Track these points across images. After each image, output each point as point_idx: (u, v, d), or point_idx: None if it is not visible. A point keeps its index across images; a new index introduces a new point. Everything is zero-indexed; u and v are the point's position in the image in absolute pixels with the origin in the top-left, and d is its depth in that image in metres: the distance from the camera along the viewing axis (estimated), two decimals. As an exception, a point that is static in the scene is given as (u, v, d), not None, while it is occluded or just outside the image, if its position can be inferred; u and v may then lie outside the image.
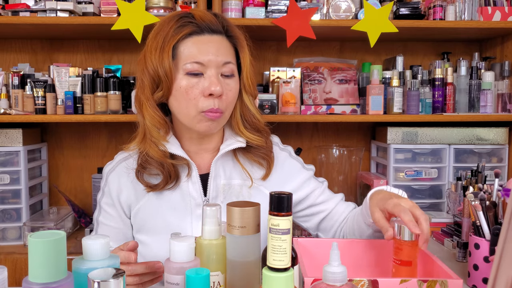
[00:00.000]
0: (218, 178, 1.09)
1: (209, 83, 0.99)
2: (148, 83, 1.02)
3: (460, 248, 1.29)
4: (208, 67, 1.00)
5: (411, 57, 2.12)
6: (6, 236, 1.79)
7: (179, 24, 1.01)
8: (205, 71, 1.00)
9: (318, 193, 1.17)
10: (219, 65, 1.01)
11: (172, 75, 1.00)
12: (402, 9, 1.82)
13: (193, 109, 1.00)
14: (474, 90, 1.88)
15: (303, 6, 1.77)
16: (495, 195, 1.11)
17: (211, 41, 1.01)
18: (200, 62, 1.00)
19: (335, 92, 1.95)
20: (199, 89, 1.00)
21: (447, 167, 1.88)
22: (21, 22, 1.69)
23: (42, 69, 2.01)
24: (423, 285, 0.76)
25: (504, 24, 1.82)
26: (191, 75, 1.00)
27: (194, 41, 1.01)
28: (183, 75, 1.00)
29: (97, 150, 2.08)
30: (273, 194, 0.66)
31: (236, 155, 1.11)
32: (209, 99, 1.00)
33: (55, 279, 0.62)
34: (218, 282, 0.77)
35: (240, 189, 1.09)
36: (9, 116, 1.72)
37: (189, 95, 1.00)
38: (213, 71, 1.00)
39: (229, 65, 1.02)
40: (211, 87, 0.99)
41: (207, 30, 1.02)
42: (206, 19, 1.02)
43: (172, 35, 1.00)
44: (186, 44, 1.01)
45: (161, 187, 1.05)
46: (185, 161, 1.06)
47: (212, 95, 0.99)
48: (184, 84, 1.00)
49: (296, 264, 0.79)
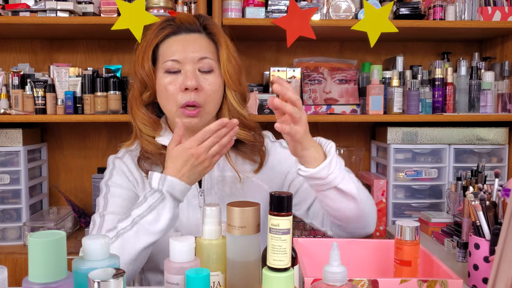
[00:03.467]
0: (212, 170, 1.10)
1: (184, 78, 1.05)
2: (137, 86, 1.10)
3: (460, 248, 1.29)
4: (184, 64, 1.06)
5: (411, 57, 2.12)
6: (6, 236, 1.79)
7: (159, 28, 1.09)
8: (182, 68, 1.06)
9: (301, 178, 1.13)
10: (194, 60, 1.06)
11: (152, 76, 1.07)
12: (402, 9, 1.82)
13: (173, 104, 1.06)
14: (474, 90, 1.88)
15: (303, 6, 1.77)
16: (495, 195, 1.11)
17: (187, 40, 1.08)
18: (176, 60, 1.06)
19: (335, 92, 1.95)
20: (177, 84, 1.06)
21: (447, 167, 1.88)
22: (21, 22, 1.69)
23: (42, 69, 2.01)
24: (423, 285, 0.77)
25: (504, 24, 1.82)
26: (169, 73, 1.06)
27: (171, 41, 1.08)
28: (162, 73, 1.07)
29: (97, 150, 2.08)
30: (273, 194, 0.67)
31: (228, 152, 1.13)
32: (186, 93, 1.04)
33: (55, 279, 0.62)
34: (218, 282, 0.77)
35: (233, 180, 1.12)
36: (9, 116, 1.72)
37: (168, 91, 1.06)
38: (189, 67, 1.05)
39: (206, 60, 1.07)
40: (186, 81, 1.04)
41: (184, 30, 1.09)
42: (185, 20, 1.09)
43: (152, 38, 1.09)
44: (164, 44, 1.08)
45: None
46: None
47: (188, 90, 1.04)
48: (163, 82, 1.06)
49: (296, 264, 0.79)
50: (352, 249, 0.98)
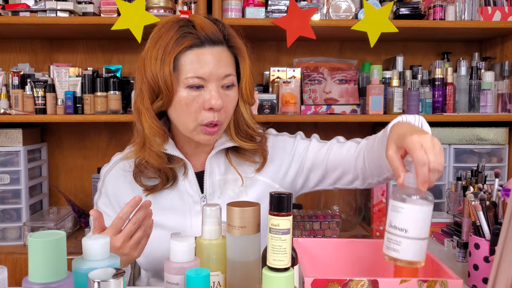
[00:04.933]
0: (214, 175, 1.09)
1: (209, 96, 0.99)
2: (147, 92, 1.02)
3: (460, 248, 1.29)
4: (208, 81, 0.99)
5: (411, 57, 2.12)
6: (6, 236, 1.79)
7: (179, 35, 0.99)
8: (206, 84, 1.00)
9: (309, 152, 1.14)
10: (219, 78, 1.00)
11: (173, 87, 0.99)
12: (402, 9, 1.82)
13: (193, 121, 1.01)
14: (474, 90, 1.88)
15: (303, 6, 1.77)
16: (495, 195, 1.11)
17: (212, 54, 1.00)
18: (201, 77, 0.99)
19: (335, 92, 1.95)
20: (200, 102, 0.99)
21: (447, 167, 1.88)
22: (21, 22, 1.69)
23: (42, 69, 2.01)
24: (423, 285, 0.76)
25: (504, 24, 1.82)
26: (192, 88, 0.99)
27: (195, 53, 0.99)
28: (183, 88, 0.99)
29: (97, 150, 2.08)
30: (273, 194, 0.66)
31: (228, 155, 1.12)
32: (209, 112, 1.00)
33: (55, 279, 0.62)
34: (218, 282, 0.77)
35: (235, 183, 1.10)
36: (9, 116, 1.72)
37: (189, 108, 1.00)
38: (213, 85, 0.99)
39: (230, 77, 1.02)
40: (212, 101, 0.98)
41: (208, 42, 1.00)
42: (207, 29, 1.00)
43: (172, 47, 0.98)
44: (187, 56, 0.99)
45: (159, 189, 1.06)
46: (182, 162, 1.07)
47: (212, 109, 1.00)
48: (184, 97, 0.99)
49: (296, 264, 0.79)
50: (352, 249, 0.98)
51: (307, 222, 1.76)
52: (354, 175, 1.11)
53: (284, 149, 1.15)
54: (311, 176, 1.15)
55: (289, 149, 1.15)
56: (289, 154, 1.15)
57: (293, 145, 1.15)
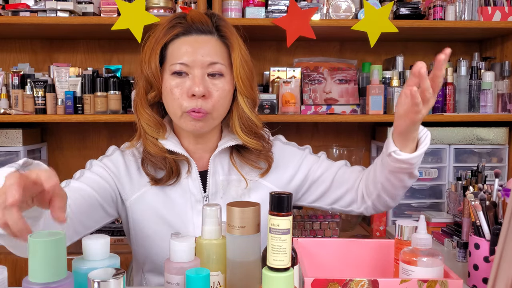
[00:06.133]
0: (217, 175, 1.09)
1: (192, 83, 1.00)
2: (142, 84, 1.05)
3: (460, 248, 1.29)
4: (192, 68, 1.00)
5: (411, 57, 2.12)
6: (6, 236, 1.79)
7: (169, 26, 1.03)
8: (190, 71, 1.01)
9: (316, 167, 1.16)
10: (204, 65, 1.01)
11: (159, 76, 1.02)
12: (402, 9, 1.82)
13: (178, 108, 1.02)
14: (474, 90, 1.88)
15: (303, 6, 1.77)
16: (495, 195, 1.11)
17: (197, 42, 1.02)
18: (184, 63, 1.00)
19: (335, 92, 1.95)
20: (184, 89, 1.01)
21: (447, 167, 1.88)
22: (21, 22, 1.69)
23: (42, 69, 2.01)
24: (423, 285, 0.77)
25: (504, 24, 1.82)
26: (176, 75, 1.01)
27: (181, 42, 1.02)
28: (169, 75, 1.02)
29: (97, 150, 2.08)
30: (273, 194, 0.66)
31: (233, 156, 1.11)
32: (192, 99, 1.00)
33: (55, 279, 0.62)
34: (218, 282, 0.77)
35: (239, 184, 1.10)
36: (9, 116, 1.72)
37: (174, 95, 1.01)
38: (197, 72, 1.00)
39: (217, 65, 1.02)
40: (193, 88, 0.99)
41: (195, 31, 1.03)
42: (197, 19, 1.03)
43: (161, 37, 1.03)
44: (173, 45, 1.03)
45: (164, 181, 1.06)
46: (185, 157, 1.07)
47: (194, 96, 1.00)
48: (169, 84, 1.02)
49: (296, 264, 0.79)
50: (352, 249, 0.98)
51: (307, 222, 1.76)
52: (353, 196, 1.14)
53: (292, 159, 1.16)
54: (313, 190, 1.17)
55: (297, 160, 1.16)
56: (296, 164, 1.15)
57: (301, 157, 1.17)
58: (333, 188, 1.15)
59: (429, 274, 0.79)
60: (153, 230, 1.08)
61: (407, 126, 0.94)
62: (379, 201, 1.10)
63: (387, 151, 0.99)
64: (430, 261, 0.80)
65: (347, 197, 1.15)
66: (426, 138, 0.99)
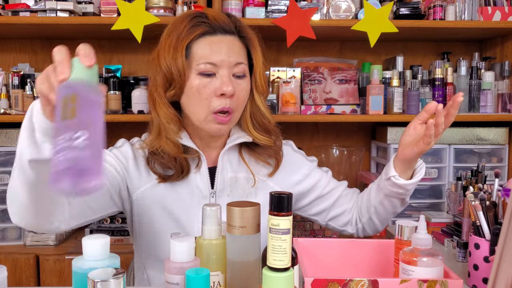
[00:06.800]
0: (225, 172, 1.10)
1: (221, 83, 1.00)
2: (161, 82, 1.03)
3: (460, 248, 1.29)
4: (220, 67, 1.01)
5: (411, 57, 2.12)
6: (6, 236, 1.79)
7: (192, 24, 1.02)
8: (217, 71, 1.01)
9: (324, 183, 1.19)
10: (231, 65, 1.02)
11: (185, 74, 1.01)
12: (402, 9, 1.82)
13: (204, 109, 1.02)
14: (474, 90, 1.88)
15: (303, 6, 1.77)
16: (495, 195, 1.11)
17: (223, 41, 1.02)
18: (212, 63, 1.01)
19: (335, 92, 1.95)
20: (211, 89, 1.01)
21: (447, 167, 1.88)
22: (21, 22, 1.69)
23: (42, 69, 1.99)
24: (423, 285, 0.77)
25: (504, 24, 1.82)
26: (203, 75, 1.01)
27: (207, 41, 1.02)
28: (195, 74, 1.01)
29: (97, 150, 2.08)
30: (273, 194, 0.66)
31: (241, 152, 1.12)
32: (220, 98, 1.01)
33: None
34: (218, 282, 0.77)
35: (247, 182, 1.11)
36: (9, 116, 1.72)
37: (201, 95, 1.01)
38: (225, 71, 1.01)
39: (241, 65, 1.04)
40: (223, 87, 1.00)
41: (220, 30, 1.03)
42: (219, 19, 1.03)
43: (185, 35, 1.01)
44: (199, 44, 1.02)
45: (173, 179, 1.06)
46: (196, 154, 1.07)
47: (223, 95, 1.01)
48: (196, 84, 1.01)
49: (296, 264, 0.79)
50: (352, 249, 0.98)
51: (307, 222, 1.76)
52: (350, 217, 1.20)
53: (301, 166, 1.18)
54: (316, 203, 1.20)
55: (305, 169, 1.18)
56: (304, 173, 1.17)
57: (309, 167, 1.19)
58: (335, 206, 1.19)
59: (429, 274, 0.79)
60: (158, 225, 1.07)
61: (415, 154, 1.02)
62: (369, 224, 1.18)
63: (387, 175, 1.06)
64: (430, 261, 0.80)
65: (344, 217, 1.20)
66: (422, 169, 1.08)
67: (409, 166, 1.05)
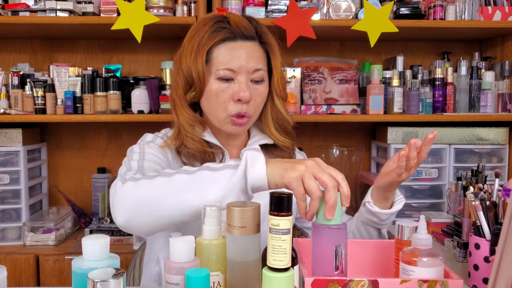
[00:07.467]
0: None
1: (238, 89, 1.04)
2: (181, 84, 1.07)
3: (460, 248, 1.29)
4: (239, 73, 1.05)
5: (411, 57, 2.12)
6: (6, 236, 1.79)
7: (214, 29, 1.05)
8: (236, 76, 1.05)
9: None
10: (249, 71, 1.05)
11: (204, 78, 1.05)
12: (402, 9, 1.82)
13: (222, 112, 1.06)
14: (474, 90, 1.88)
15: (303, 6, 1.77)
16: (495, 195, 1.11)
17: (243, 48, 1.05)
18: (231, 69, 1.04)
19: (335, 92, 1.94)
20: (229, 93, 1.05)
21: (447, 167, 1.88)
22: (21, 22, 1.69)
23: (42, 69, 2.00)
24: (423, 285, 0.76)
25: (504, 24, 1.82)
26: (222, 80, 1.05)
27: (227, 47, 1.05)
28: (214, 79, 1.05)
29: (97, 150, 2.08)
30: (273, 194, 0.66)
31: None
32: (237, 103, 1.05)
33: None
34: (218, 282, 0.77)
35: None
36: (9, 116, 1.72)
37: (219, 99, 1.05)
38: (243, 77, 1.05)
39: (260, 71, 1.07)
40: (240, 93, 1.04)
41: (240, 37, 1.06)
42: (241, 25, 1.06)
43: (206, 40, 1.05)
44: (219, 49, 1.05)
45: None
46: (220, 149, 1.11)
47: (240, 100, 1.04)
48: (215, 88, 1.05)
49: (296, 264, 0.79)
50: (352, 249, 0.98)
51: (307, 222, 1.76)
52: None
53: None
54: None
55: None
56: None
57: None
58: None
59: (429, 274, 0.79)
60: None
61: (386, 184, 1.05)
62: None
63: (363, 201, 1.10)
64: (430, 261, 0.80)
65: None
66: (400, 203, 1.10)
67: (384, 197, 1.08)
